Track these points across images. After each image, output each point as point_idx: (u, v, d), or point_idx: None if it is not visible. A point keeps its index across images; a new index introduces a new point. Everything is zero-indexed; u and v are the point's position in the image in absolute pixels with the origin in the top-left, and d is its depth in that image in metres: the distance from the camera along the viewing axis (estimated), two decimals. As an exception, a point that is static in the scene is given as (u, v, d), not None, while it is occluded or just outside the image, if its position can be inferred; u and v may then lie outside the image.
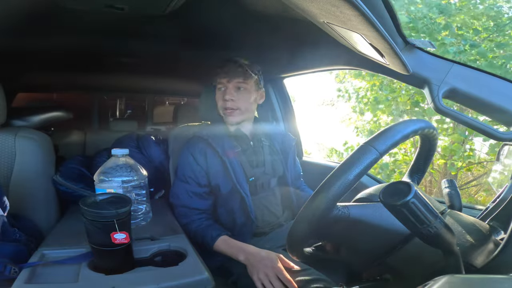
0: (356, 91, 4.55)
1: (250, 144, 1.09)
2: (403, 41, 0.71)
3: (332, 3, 0.51)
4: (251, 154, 1.08)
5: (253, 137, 1.10)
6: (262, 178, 1.07)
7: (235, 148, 1.05)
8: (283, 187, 1.13)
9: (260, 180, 1.06)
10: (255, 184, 1.05)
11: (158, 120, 2.46)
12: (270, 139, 1.14)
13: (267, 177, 1.08)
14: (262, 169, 1.08)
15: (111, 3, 0.81)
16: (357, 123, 4.79)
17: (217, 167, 1.02)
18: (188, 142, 1.08)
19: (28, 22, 0.93)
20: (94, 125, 2.14)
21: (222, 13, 0.94)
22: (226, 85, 1.04)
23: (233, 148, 1.05)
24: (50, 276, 0.64)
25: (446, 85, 0.72)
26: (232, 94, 1.03)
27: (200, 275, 0.65)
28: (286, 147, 1.16)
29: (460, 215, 0.58)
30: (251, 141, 1.09)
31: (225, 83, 1.04)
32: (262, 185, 1.07)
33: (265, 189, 1.08)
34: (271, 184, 1.10)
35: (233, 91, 1.03)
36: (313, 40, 1.02)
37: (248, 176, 1.04)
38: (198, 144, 1.05)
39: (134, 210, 0.90)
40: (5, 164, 0.97)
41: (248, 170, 1.04)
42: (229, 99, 1.03)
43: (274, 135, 1.17)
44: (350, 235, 0.56)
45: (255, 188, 1.05)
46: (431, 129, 0.56)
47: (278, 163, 1.12)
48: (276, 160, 1.12)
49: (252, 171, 1.05)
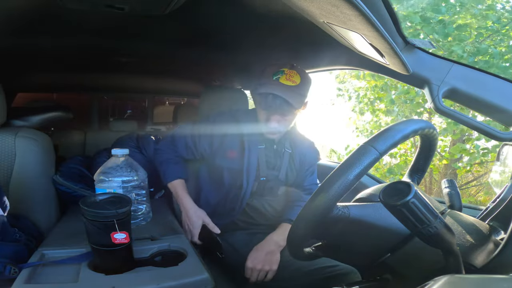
0: (356, 91, 4.55)
1: (273, 147, 1.07)
2: (403, 41, 0.71)
3: (332, 3, 0.51)
4: (271, 155, 1.07)
5: (278, 142, 1.08)
6: (272, 182, 1.06)
7: (260, 144, 1.04)
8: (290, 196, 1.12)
9: (270, 183, 1.05)
10: (264, 185, 1.05)
11: (158, 120, 2.46)
12: (293, 148, 1.11)
13: (278, 183, 1.07)
14: (277, 173, 1.07)
15: (111, 3, 0.81)
16: (357, 123, 4.79)
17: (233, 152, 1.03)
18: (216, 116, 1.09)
19: (28, 22, 0.93)
20: (94, 125, 2.14)
21: (222, 13, 0.94)
22: (269, 110, 0.96)
23: (258, 144, 1.04)
24: (50, 276, 0.64)
25: (446, 85, 0.72)
26: (276, 121, 0.97)
27: (200, 275, 0.65)
28: (306, 161, 1.11)
29: (460, 215, 0.58)
30: (275, 144, 1.08)
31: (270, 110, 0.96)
32: (271, 188, 1.06)
33: (272, 194, 1.07)
34: (279, 191, 1.09)
35: (278, 117, 0.97)
36: (313, 40, 1.02)
37: (261, 175, 1.04)
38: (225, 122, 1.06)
39: (134, 210, 0.90)
40: (5, 164, 0.97)
41: (263, 169, 1.04)
42: (273, 127, 0.97)
43: (299, 145, 1.12)
44: (350, 235, 0.56)
45: (263, 189, 1.05)
46: (431, 129, 0.56)
47: (293, 173, 1.10)
48: (292, 171, 1.10)
49: (266, 171, 1.05)
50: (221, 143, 1.04)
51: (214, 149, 1.05)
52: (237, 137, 1.04)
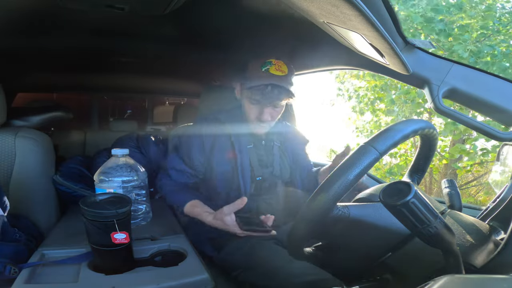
0: (357, 91, 4.55)
1: (262, 143, 1.07)
2: (403, 41, 0.71)
3: (332, 3, 0.51)
4: (261, 153, 1.07)
5: (266, 137, 1.08)
6: (269, 180, 1.06)
7: (248, 144, 1.03)
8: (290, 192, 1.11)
9: (267, 182, 1.05)
10: (261, 184, 1.04)
11: (158, 120, 2.46)
12: (281, 140, 1.11)
13: (274, 179, 1.07)
14: (271, 169, 1.07)
15: (111, 3, 0.81)
16: (357, 123, 4.79)
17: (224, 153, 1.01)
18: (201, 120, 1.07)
19: (28, 22, 0.93)
20: (94, 125, 2.14)
21: (222, 13, 0.94)
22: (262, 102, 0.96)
23: (247, 143, 1.03)
24: (50, 276, 0.64)
25: (446, 85, 0.72)
26: (269, 113, 0.98)
27: (200, 275, 0.65)
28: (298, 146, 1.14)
29: (460, 215, 0.58)
30: (263, 140, 1.07)
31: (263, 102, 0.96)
32: (268, 186, 1.05)
33: (271, 191, 1.07)
34: (277, 187, 1.08)
35: (270, 109, 0.98)
36: (313, 40, 1.02)
37: (256, 175, 1.03)
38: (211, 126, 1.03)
39: (134, 210, 0.90)
40: (5, 164, 0.97)
41: (257, 169, 1.03)
42: (266, 119, 0.98)
43: (286, 134, 1.13)
44: (350, 235, 0.56)
45: (260, 189, 1.04)
46: (431, 129, 0.56)
47: (286, 167, 1.10)
48: (285, 163, 1.10)
49: (261, 170, 1.04)
50: (211, 150, 1.02)
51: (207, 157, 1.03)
52: (226, 140, 1.02)
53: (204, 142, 1.02)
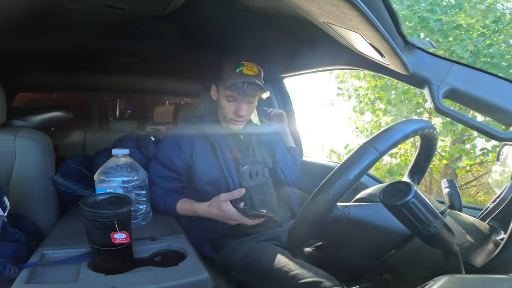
0: (357, 90, 4.54)
1: (240, 137, 1.13)
2: (403, 41, 0.71)
3: (332, 3, 0.51)
4: (241, 146, 1.11)
5: (243, 133, 1.14)
6: (255, 167, 1.10)
7: (227, 140, 1.09)
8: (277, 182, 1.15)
9: (254, 168, 1.09)
10: (250, 172, 1.07)
11: (158, 120, 2.45)
12: (257, 135, 1.19)
13: (260, 166, 1.11)
14: (253, 158, 1.11)
15: (111, 3, 0.81)
16: (357, 122, 4.79)
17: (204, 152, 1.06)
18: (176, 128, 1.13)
19: (28, 22, 0.93)
20: (94, 125, 2.13)
21: (222, 13, 0.94)
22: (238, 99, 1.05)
23: (226, 140, 1.08)
24: (50, 276, 0.64)
25: (446, 85, 0.72)
26: (245, 109, 1.06)
27: (200, 275, 0.65)
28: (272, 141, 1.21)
29: (460, 215, 0.58)
30: (241, 135, 1.13)
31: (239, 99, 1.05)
32: (256, 173, 1.09)
33: (260, 177, 1.10)
34: (265, 173, 1.12)
35: (246, 105, 1.06)
36: (313, 40, 1.02)
37: (242, 164, 1.06)
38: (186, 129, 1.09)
39: (134, 210, 0.90)
40: (5, 164, 0.97)
41: (241, 158, 1.07)
42: (243, 114, 1.06)
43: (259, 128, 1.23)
44: (350, 235, 0.56)
45: (250, 176, 1.07)
46: (431, 129, 0.56)
47: (267, 156, 1.16)
48: (264, 153, 1.16)
49: (244, 160, 1.08)
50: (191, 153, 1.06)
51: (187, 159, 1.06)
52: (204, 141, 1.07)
53: (180, 145, 1.07)
